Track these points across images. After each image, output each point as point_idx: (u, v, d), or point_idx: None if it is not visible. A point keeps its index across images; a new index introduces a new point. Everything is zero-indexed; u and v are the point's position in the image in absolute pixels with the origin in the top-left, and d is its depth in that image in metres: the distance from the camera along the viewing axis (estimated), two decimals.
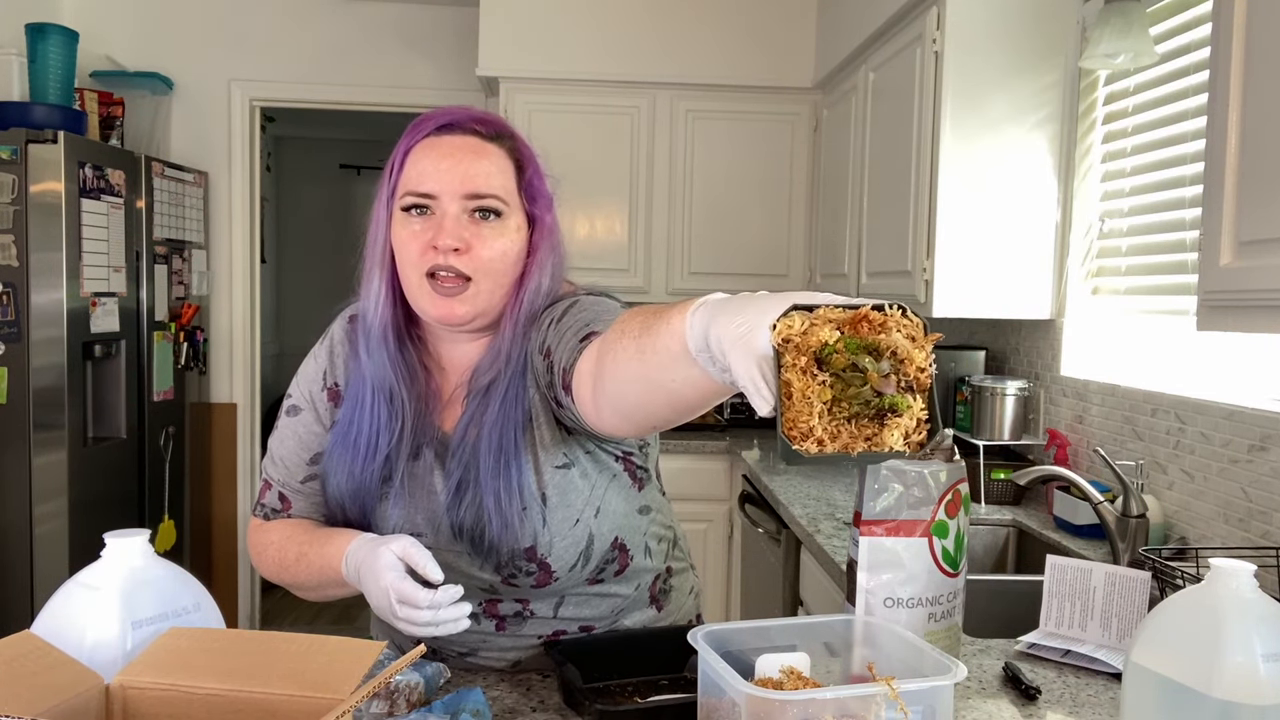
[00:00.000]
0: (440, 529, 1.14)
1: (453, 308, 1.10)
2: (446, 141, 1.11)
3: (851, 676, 1.11)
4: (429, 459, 1.16)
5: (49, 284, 2.96)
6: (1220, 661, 0.88)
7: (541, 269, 1.15)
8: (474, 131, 1.12)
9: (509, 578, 1.15)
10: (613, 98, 3.50)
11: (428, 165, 1.10)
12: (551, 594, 1.21)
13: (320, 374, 1.25)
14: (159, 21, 3.92)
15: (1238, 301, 1.18)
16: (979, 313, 2.43)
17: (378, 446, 1.13)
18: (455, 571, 1.14)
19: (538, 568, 1.14)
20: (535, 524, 1.12)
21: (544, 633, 1.25)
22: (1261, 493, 1.69)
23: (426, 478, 1.15)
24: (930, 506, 1.19)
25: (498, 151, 1.13)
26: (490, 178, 1.10)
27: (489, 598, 1.21)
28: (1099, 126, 2.34)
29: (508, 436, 1.10)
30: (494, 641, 1.24)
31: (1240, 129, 1.17)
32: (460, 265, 1.09)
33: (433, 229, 1.09)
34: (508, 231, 1.12)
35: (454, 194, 1.09)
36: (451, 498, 1.12)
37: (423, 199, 1.10)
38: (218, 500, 4.08)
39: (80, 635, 0.93)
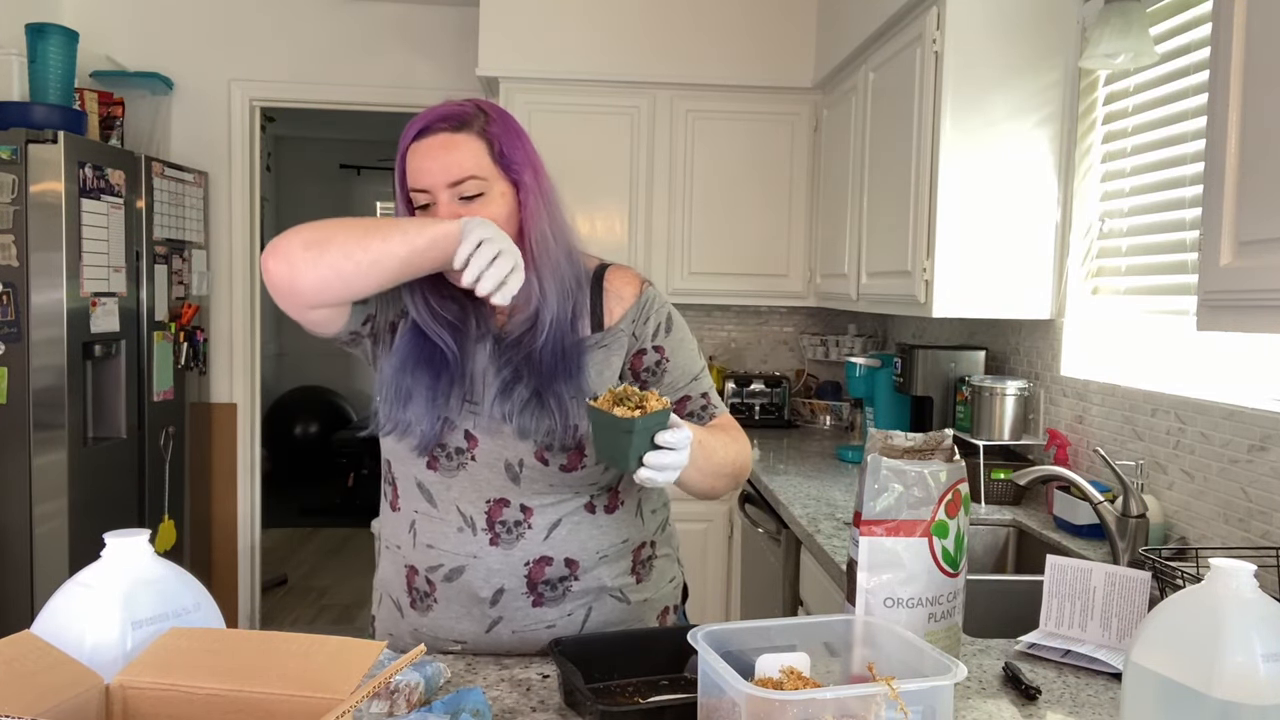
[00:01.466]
0: (486, 402, 1.32)
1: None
2: (424, 144, 1.31)
3: (851, 676, 1.11)
4: (487, 348, 1.35)
5: (49, 284, 2.96)
6: (1220, 661, 0.88)
7: (537, 219, 1.33)
8: (441, 129, 1.31)
9: (545, 449, 1.30)
10: (613, 98, 3.50)
11: (415, 166, 1.32)
12: (556, 498, 1.34)
13: None
14: (159, 21, 3.92)
15: (1238, 301, 1.18)
16: (979, 313, 2.43)
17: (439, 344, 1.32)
18: (495, 441, 1.31)
19: (575, 445, 1.31)
20: (571, 415, 1.30)
21: (532, 558, 1.33)
22: (1261, 493, 1.69)
23: (484, 362, 1.34)
24: (930, 506, 1.19)
25: (466, 138, 1.30)
26: (463, 164, 1.29)
27: (498, 496, 1.32)
28: (1099, 126, 2.34)
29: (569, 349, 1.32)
30: (484, 559, 1.33)
31: (1240, 129, 1.17)
32: None
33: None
34: (492, 202, 1.30)
35: (440, 186, 1.29)
36: (507, 382, 1.31)
37: (421, 194, 1.32)
38: (218, 500, 4.08)
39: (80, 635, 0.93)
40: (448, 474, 1.34)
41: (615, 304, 1.40)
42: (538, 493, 1.33)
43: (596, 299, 1.39)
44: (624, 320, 1.39)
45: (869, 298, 2.94)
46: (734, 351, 4.06)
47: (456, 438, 1.33)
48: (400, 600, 1.40)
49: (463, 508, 1.34)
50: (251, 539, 4.16)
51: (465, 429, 1.33)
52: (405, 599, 1.39)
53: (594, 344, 1.36)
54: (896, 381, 2.84)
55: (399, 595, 1.40)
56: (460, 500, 1.34)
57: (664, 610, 1.48)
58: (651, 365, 1.39)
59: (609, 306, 1.39)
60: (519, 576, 1.33)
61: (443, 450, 1.33)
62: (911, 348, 2.76)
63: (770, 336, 4.09)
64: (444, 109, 1.33)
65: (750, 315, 4.07)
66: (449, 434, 1.33)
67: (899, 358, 2.83)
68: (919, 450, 1.23)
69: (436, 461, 1.34)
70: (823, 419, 3.87)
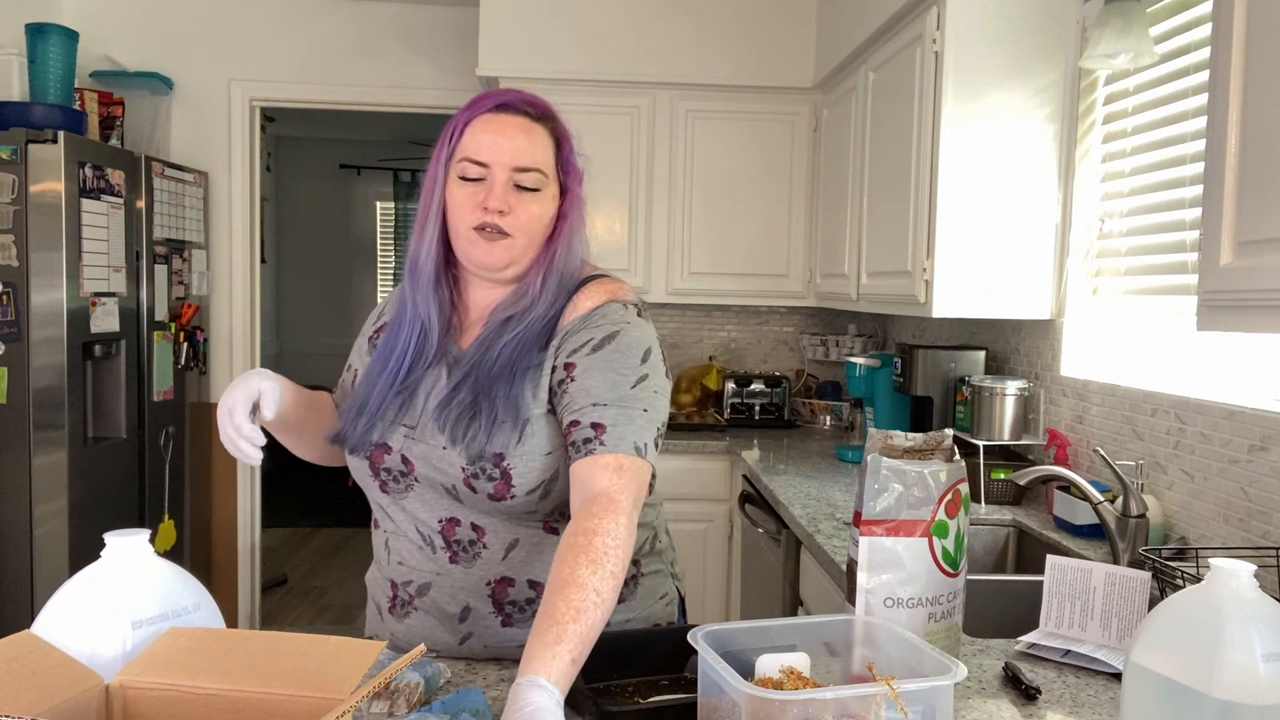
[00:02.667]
0: (426, 424, 1.29)
1: (493, 252, 1.29)
2: (503, 119, 1.29)
3: (851, 676, 1.11)
4: (439, 370, 1.33)
5: (49, 284, 2.96)
6: (1220, 661, 0.88)
7: (571, 232, 1.34)
8: (525, 112, 1.30)
9: (472, 477, 1.26)
10: (613, 98, 3.50)
11: (485, 138, 1.28)
12: (506, 518, 1.29)
13: (377, 314, 1.49)
14: (159, 21, 3.92)
15: (1238, 301, 1.18)
16: (979, 313, 2.43)
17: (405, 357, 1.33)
18: (428, 463, 1.28)
19: (500, 475, 1.25)
20: (511, 437, 1.25)
21: (492, 577, 1.30)
22: (1261, 493, 1.69)
23: (433, 383, 1.32)
24: (930, 506, 1.19)
25: (542, 131, 1.31)
26: (534, 154, 1.29)
27: (448, 515, 1.30)
28: (1099, 126, 2.34)
29: (518, 361, 1.28)
30: (446, 576, 1.31)
31: (1240, 129, 1.17)
32: (503, 224, 1.28)
33: (483, 192, 1.27)
34: (544, 200, 1.30)
35: (504, 166, 1.27)
36: (449, 393, 1.28)
37: (478, 166, 1.27)
38: (218, 500, 4.08)
39: (80, 635, 0.93)
40: (398, 495, 1.32)
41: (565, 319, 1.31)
42: (484, 511, 1.29)
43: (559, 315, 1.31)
44: (559, 334, 1.30)
45: (869, 298, 2.94)
46: (734, 351, 4.07)
47: (395, 461, 1.31)
48: (381, 605, 1.39)
49: (420, 527, 1.32)
50: (251, 539, 4.16)
51: (401, 453, 1.30)
52: (386, 605, 1.38)
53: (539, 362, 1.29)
54: (896, 381, 2.84)
55: (381, 600, 1.39)
56: (416, 519, 1.32)
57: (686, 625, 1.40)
58: (555, 385, 1.27)
59: (562, 321, 1.31)
60: (483, 596, 1.30)
61: (388, 474, 1.32)
62: (911, 348, 2.76)
63: (770, 336, 4.09)
64: (527, 94, 1.33)
65: (750, 315, 4.07)
66: (388, 458, 1.31)
67: (899, 358, 2.83)
68: (919, 450, 1.23)
69: (386, 485, 1.33)
70: (823, 419, 3.87)
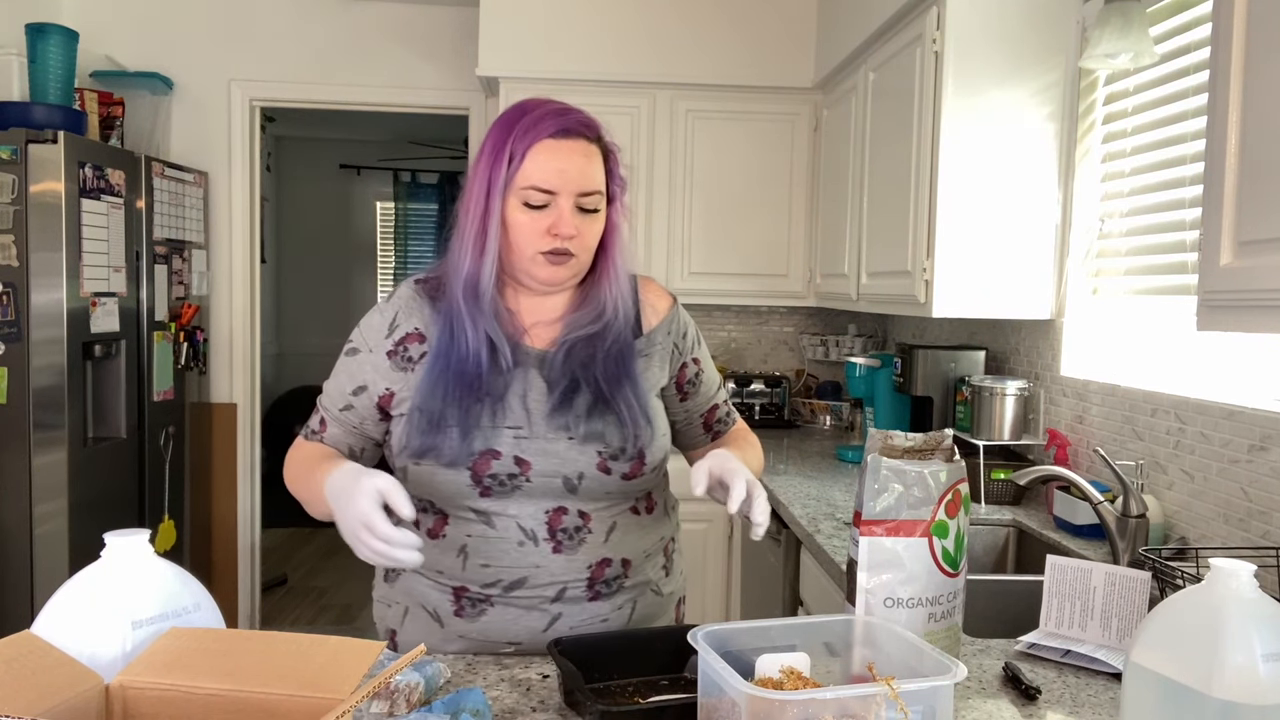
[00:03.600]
0: (534, 422, 1.34)
1: (559, 273, 1.36)
2: (565, 146, 1.32)
3: (851, 676, 1.11)
4: (524, 372, 1.37)
5: (49, 284, 2.96)
6: (1220, 661, 0.88)
7: (620, 234, 1.41)
8: (584, 135, 1.34)
9: (610, 459, 1.34)
10: (613, 98, 3.50)
11: (551, 167, 1.31)
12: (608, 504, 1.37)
13: (387, 326, 1.42)
14: (159, 21, 3.92)
15: (1238, 301, 1.18)
16: (979, 313, 2.43)
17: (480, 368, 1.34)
18: (550, 458, 1.33)
19: (636, 456, 1.35)
20: (646, 429, 1.36)
21: (594, 560, 1.36)
22: (1261, 493, 1.69)
23: (523, 386, 1.36)
24: (930, 506, 1.19)
25: (597, 152, 1.36)
26: (596, 177, 1.34)
27: (555, 506, 1.34)
28: (1099, 126, 2.34)
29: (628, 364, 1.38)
30: (546, 567, 1.34)
31: (1240, 129, 1.17)
32: (571, 247, 1.34)
33: (550, 219, 1.32)
34: (600, 218, 1.38)
35: (570, 193, 1.32)
36: (563, 395, 1.34)
37: (544, 195, 1.31)
38: (218, 500, 4.08)
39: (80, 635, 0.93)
40: (502, 497, 1.33)
41: (650, 314, 1.46)
42: (595, 500, 1.36)
43: (637, 308, 1.45)
44: (659, 330, 1.45)
45: (869, 298, 2.94)
46: (734, 351, 4.06)
47: (506, 465, 1.32)
48: (440, 611, 1.37)
49: (523, 523, 1.34)
50: (251, 539, 4.16)
51: (514, 455, 1.32)
52: (449, 609, 1.37)
53: (639, 352, 1.42)
54: (896, 381, 2.84)
55: (438, 607, 1.37)
56: (520, 517, 1.34)
57: (679, 600, 1.53)
58: (692, 377, 1.49)
59: (645, 316, 1.45)
60: (582, 578, 1.36)
61: (494, 479, 1.32)
62: (911, 348, 2.76)
63: (770, 336, 4.09)
64: (580, 115, 1.36)
65: (750, 315, 4.07)
66: (497, 463, 1.31)
67: (899, 358, 2.83)
68: (919, 450, 1.23)
69: (490, 491, 1.33)
70: (823, 419, 3.87)
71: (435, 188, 7.33)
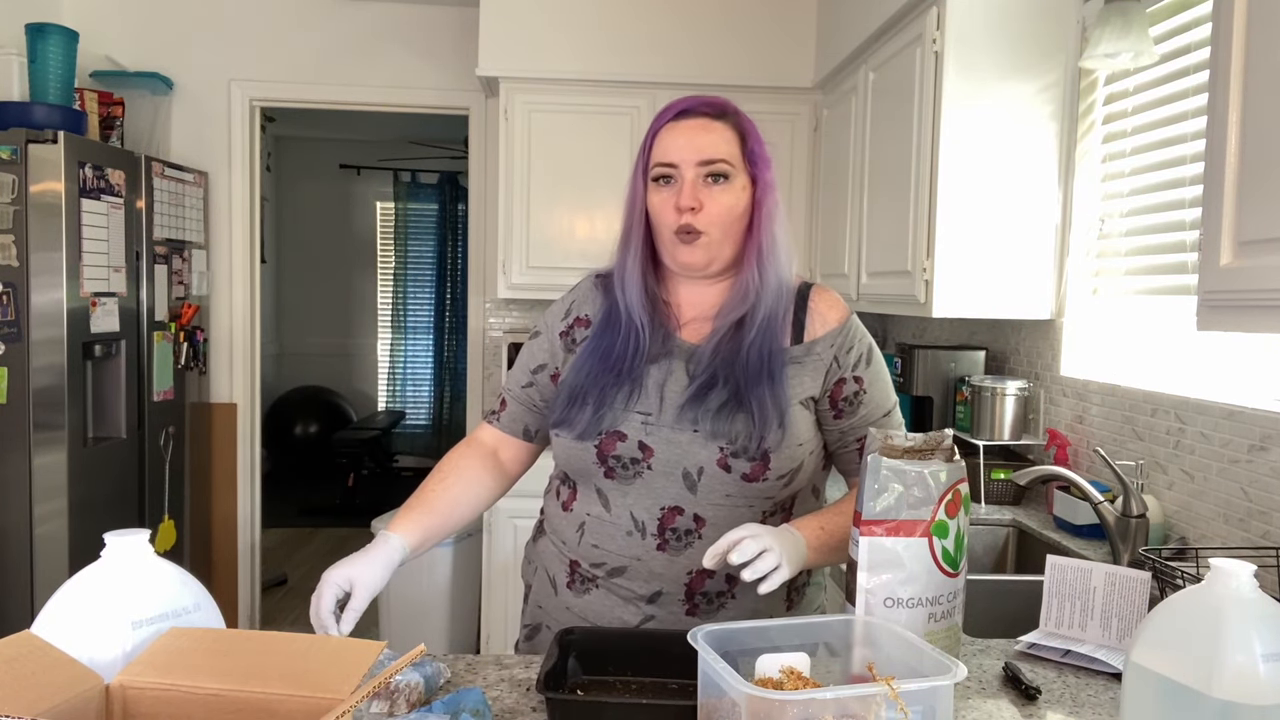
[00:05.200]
0: (665, 411, 1.36)
1: (693, 254, 1.37)
2: (684, 124, 1.39)
3: (851, 676, 1.11)
4: (671, 365, 1.40)
5: (49, 284, 2.96)
6: (1220, 661, 0.88)
7: (770, 219, 1.40)
8: (704, 114, 1.40)
9: (731, 456, 1.32)
10: (613, 98, 3.50)
11: (669, 143, 1.38)
12: (731, 510, 1.35)
13: (564, 310, 1.52)
14: (159, 21, 3.92)
15: (1238, 301, 1.18)
16: (979, 313, 2.43)
17: (625, 352, 1.39)
18: (674, 447, 1.34)
19: (760, 457, 1.32)
20: (777, 431, 1.33)
21: (695, 567, 1.35)
22: (1261, 493, 1.69)
23: (664, 375, 1.39)
24: (930, 506, 1.19)
25: (723, 126, 1.39)
26: (717, 147, 1.36)
27: (672, 505, 1.35)
28: (1099, 126, 2.34)
29: (771, 361, 1.36)
30: (647, 562, 1.36)
31: (1240, 129, 1.17)
32: (696, 222, 1.35)
33: (675, 194, 1.37)
34: (734, 190, 1.37)
35: (690, 163, 1.36)
36: (700, 388, 1.35)
37: (667, 169, 1.37)
38: (218, 500, 4.08)
39: (80, 635, 0.93)
40: (624, 482, 1.36)
41: (818, 324, 1.42)
42: (713, 503, 1.35)
43: (800, 314, 1.42)
44: (823, 342, 1.41)
45: (869, 298, 2.94)
46: None
47: (630, 448, 1.35)
48: (558, 579, 1.44)
49: (636, 513, 1.36)
50: (251, 539, 4.16)
51: (639, 440, 1.35)
52: (564, 579, 1.43)
53: (791, 358, 1.39)
54: (896, 381, 2.84)
55: (557, 574, 1.45)
56: (635, 506, 1.36)
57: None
58: (850, 395, 1.41)
59: (810, 324, 1.41)
60: (679, 583, 1.36)
61: (618, 461, 1.36)
62: (911, 348, 2.76)
63: None
64: (705, 96, 1.42)
65: None
66: (622, 445, 1.35)
67: (899, 358, 2.83)
68: (919, 450, 1.23)
69: (614, 472, 1.36)
70: None
71: (435, 188, 7.33)
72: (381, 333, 7.52)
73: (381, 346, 7.52)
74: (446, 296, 7.41)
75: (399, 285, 7.43)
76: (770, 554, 1.20)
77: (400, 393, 7.47)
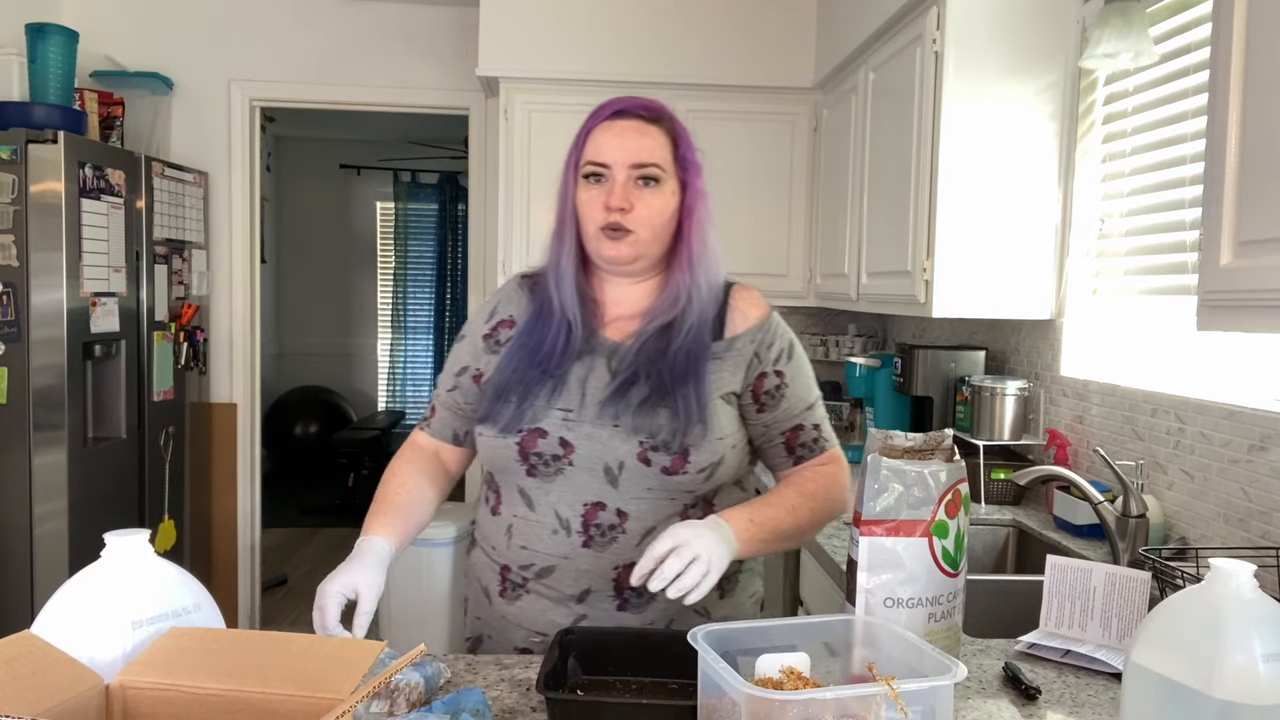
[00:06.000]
0: (587, 407, 1.37)
1: (619, 249, 1.39)
2: (618, 124, 1.40)
3: (851, 676, 1.11)
4: (593, 361, 1.41)
5: (49, 284, 2.96)
6: (1220, 661, 0.88)
7: (700, 225, 1.43)
8: (639, 116, 1.42)
9: (650, 450, 1.33)
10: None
11: (603, 142, 1.39)
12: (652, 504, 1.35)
13: (488, 312, 1.54)
14: (159, 21, 3.92)
15: (1238, 301, 1.18)
16: (979, 313, 2.43)
17: (554, 348, 1.41)
18: (594, 443, 1.35)
19: (679, 449, 1.33)
20: (699, 416, 1.34)
21: (622, 562, 1.35)
22: (1261, 493, 1.69)
23: (586, 371, 1.40)
24: (930, 506, 1.19)
25: (657, 130, 1.41)
26: (651, 151, 1.39)
27: (595, 500, 1.35)
28: (1099, 126, 2.34)
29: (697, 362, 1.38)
30: (574, 560, 1.37)
31: (1240, 129, 1.17)
32: (625, 221, 1.38)
33: (605, 193, 1.38)
34: (663, 194, 1.40)
35: (622, 164, 1.38)
36: (621, 384, 1.36)
37: (599, 168, 1.39)
38: (218, 500, 4.08)
39: (80, 635, 0.93)
40: (546, 479, 1.37)
41: (739, 320, 1.45)
42: (636, 497, 1.36)
43: (721, 311, 1.45)
44: (744, 338, 1.43)
45: (869, 298, 2.94)
46: None
47: (551, 445, 1.36)
48: (490, 588, 1.45)
49: (560, 511, 1.37)
50: (251, 539, 4.16)
51: (560, 436, 1.36)
52: (495, 588, 1.44)
53: (712, 354, 1.41)
54: (896, 381, 2.84)
55: (489, 584, 1.45)
56: (559, 504, 1.37)
57: None
58: (771, 389, 1.43)
59: (731, 321, 1.44)
60: (607, 579, 1.37)
61: (539, 458, 1.37)
62: (911, 348, 2.76)
63: None
64: (642, 99, 1.45)
65: None
66: (542, 442, 1.36)
67: (899, 358, 2.83)
68: (919, 450, 1.23)
69: (535, 470, 1.37)
70: None
71: (435, 188, 7.33)
72: (381, 333, 7.52)
73: (381, 346, 7.52)
74: (446, 296, 7.41)
75: (399, 285, 7.43)
76: (698, 563, 1.20)
77: (400, 393, 7.47)
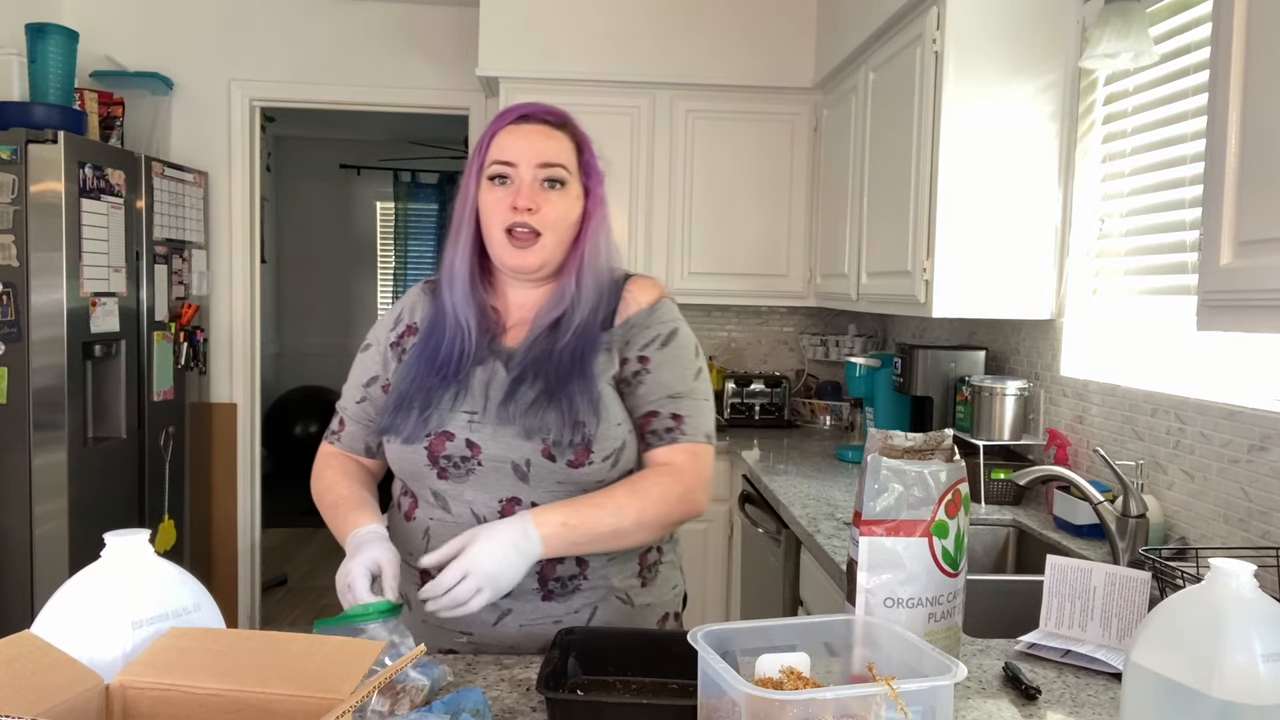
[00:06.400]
0: (489, 410, 1.38)
1: (525, 258, 1.41)
2: (525, 127, 1.42)
3: (851, 676, 1.11)
4: (494, 366, 1.42)
5: (49, 284, 2.96)
6: (1220, 661, 0.88)
7: (597, 230, 1.45)
8: (545, 120, 1.43)
9: (553, 445, 1.34)
10: (613, 98, 3.50)
11: (509, 143, 1.40)
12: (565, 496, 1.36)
13: (394, 320, 1.53)
14: (159, 21, 3.92)
15: (1238, 301, 1.18)
16: (979, 313, 2.43)
17: (451, 354, 1.41)
18: (500, 443, 1.36)
19: (581, 442, 1.34)
20: (589, 409, 1.35)
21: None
22: (1261, 493, 1.69)
23: (488, 376, 1.41)
24: (930, 506, 1.19)
25: (562, 135, 1.43)
26: (557, 153, 1.41)
27: (509, 496, 1.36)
28: (1099, 126, 2.34)
29: (585, 359, 1.39)
30: None
31: (1240, 129, 1.17)
32: (532, 222, 1.39)
33: (512, 194, 1.39)
34: (569, 198, 1.42)
35: (529, 164, 1.39)
36: (511, 387, 1.38)
37: (505, 168, 1.40)
38: (218, 500, 4.08)
39: (80, 635, 0.93)
40: (458, 480, 1.38)
41: (629, 307, 1.46)
42: (548, 489, 1.36)
43: (614, 302, 1.46)
44: (623, 324, 1.44)
45: (869, 298, 2.94)
46: (734, 351, 4.06)
47: (459, 447, 1.37)
48: (410, 595, 1.42)
49: (476, 509, 1.38)
50: (251, 539, 4.16)
51: (466, 438, 1.37)
52: (414, 593, 1.41)
53: (604, 345, 1.42)
54: (896, 381, 2.84)
55: (409, 591, 1.43)
56: (474, 502, 1.38)
57: (664, 616, 1.51)
58: (629, 375, 1.43)
59: (623, 309, 1.46)
60: (531, 573, 1.36)
61: (449, 460, 1.37)
62: (911, 348, 2.76)
63: (770, 336, 4.09)
64: (547, 105, 1.46)
65: (750, 315, 4.07)
66: (450, 445, 1.37)
67: (899, 358, 2.83)
68: (919, 450, 1.23)
69: (446, 472, 1.38)
70: (823, 419, 3.86)
71: (435, 188, 7.33)
72: None
73: None
74: None
75: (399, 285, 7.43)
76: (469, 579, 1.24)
77: None
